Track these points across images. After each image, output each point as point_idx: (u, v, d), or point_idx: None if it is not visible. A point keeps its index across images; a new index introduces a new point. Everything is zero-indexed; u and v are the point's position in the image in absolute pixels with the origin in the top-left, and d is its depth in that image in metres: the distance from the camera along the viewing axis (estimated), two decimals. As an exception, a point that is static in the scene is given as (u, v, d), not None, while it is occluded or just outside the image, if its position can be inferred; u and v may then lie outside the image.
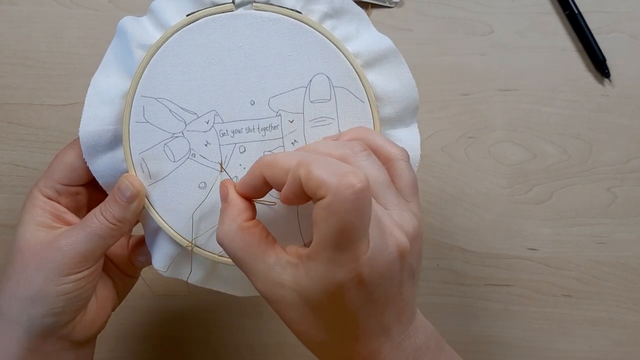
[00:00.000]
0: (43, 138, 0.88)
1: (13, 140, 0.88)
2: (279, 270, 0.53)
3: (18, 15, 0.89)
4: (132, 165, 0.60)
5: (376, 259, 0.50)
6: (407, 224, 0.54)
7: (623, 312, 0.92)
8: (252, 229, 0.55)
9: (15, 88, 0.88)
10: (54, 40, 0.89)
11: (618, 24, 0.92)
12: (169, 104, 0.59)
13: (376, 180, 0.55)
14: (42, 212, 0.61)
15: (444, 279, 0.92)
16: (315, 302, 0.52)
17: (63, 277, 0.59)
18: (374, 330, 0.54)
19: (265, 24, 0.59)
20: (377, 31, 0.62)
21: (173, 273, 0.64)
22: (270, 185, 0.55)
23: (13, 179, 0.88)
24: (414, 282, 0.57)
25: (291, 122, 0.60)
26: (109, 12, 0.89)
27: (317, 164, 0.49)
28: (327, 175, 0.47)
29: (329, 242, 0.48)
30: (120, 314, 0.86)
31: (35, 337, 0.60)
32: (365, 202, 0.47)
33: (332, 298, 0.51)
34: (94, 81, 0.61)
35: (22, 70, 0.88)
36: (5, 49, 0.89)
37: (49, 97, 0.88)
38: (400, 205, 0.55)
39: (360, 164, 0.55)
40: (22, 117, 0.88)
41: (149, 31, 0.60)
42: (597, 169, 0.91)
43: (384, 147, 0.58)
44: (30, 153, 0.88)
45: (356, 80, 0.60)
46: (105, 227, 0.59)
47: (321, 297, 0.51)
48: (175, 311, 0.90)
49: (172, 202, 0.61)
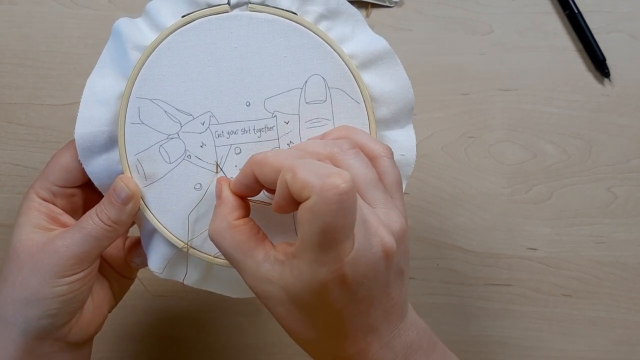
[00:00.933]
0: (43, 138, 0.88)
1: (13, 140, 0.88)
2: (267, 267, 0.53)
3: (18, 15, 0.88)
4: (127, 166, 0.60)
5: (360, 260, 0.50)
6: (394, 223, 0.54)
7: (623, 312, 0.91)
8: (242, 226, 0.54)
9: (15, 88, 0.88)
10: (54, 40, 0.88)
11: (618, 23, 0.91)
12: (164, 105, 0.59)
13: (364, 178, 0.55)
14: (37, 214, 0.61)
15: (444, 279, 0.91)
16: (300, 300, 0.52)
17: (58, 279, 0.58)
18: (360, 329, 0.54)
19: (261, 25, 0.58)
20: (373, 32, 0.61)
21: (169, 275, 0.64)
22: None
23: (13, 179, 0.87)
24: (402, 281, 0.56)
25: (287, 123, 0.59)
26: (109, 12, 0.88)
27: (302, 167, 0.48)
28: (311, 176, 0.47)
29: (313, 242, 0.48)
30: (120, 314, 0.86)
31: (32, 339, 0.59)
32: (349, 203, 0.47)
33: (316, 297, 0.51)
34: (90, 82, 0.60)
35: (22, 70, 0.88)
36: (5, 49, 0.88)
37: (49, 97, 0.88)
38: (387, 203, 0.55)
39: (348, 162, 0.54)
40: (22, 117, 0.88)
41: (145, 32, 0.60)
42: (597, 169, 0.91)
43: (368, 145, 0.57)
44: (30, 153, 0.87)
45: (352, 81, 0.59)
46: (100, 228, 0.59)
47: (305, 296, 0.51)
48: (174, 311, 0.89)
49: (167, 203, 0.60)
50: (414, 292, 0.90)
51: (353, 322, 0.53)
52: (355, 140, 0.57)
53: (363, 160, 0.55)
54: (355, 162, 0.55)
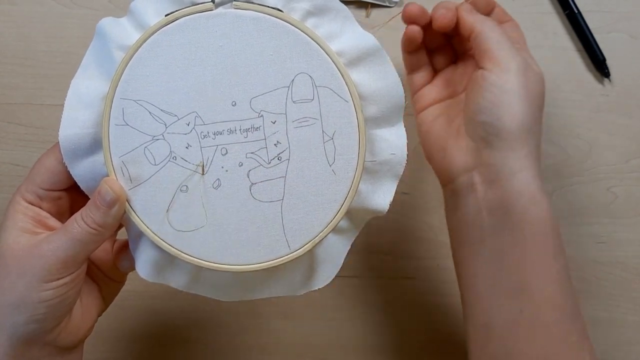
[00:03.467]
0: (43, 138, 0.86)
1: (13, 140, 0.86)
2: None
3: (18, 15, 0.86)
4: (112, 169, 0.57)
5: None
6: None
7: (623, 312, 0.88)
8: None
9: (15, 88, 0.86)
10: (54, 40, 0.86)
11: (618, 23, 0.88)
12: (148, 106, 0.56)
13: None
14: (24, 218, 0.59)
15: (444, 279, 0.88)
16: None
17: (45, 284, 0.56)
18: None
19: (246, 23, 0.56)
20: (362, 29, 0.59)
21: (157, 278, 0.61)
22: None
23: (13, 179, 0.86)
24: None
25: (274, 123, 0.57)
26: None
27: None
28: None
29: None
30: (120, 314, 0.85)
31: (20, 344, 0.57)
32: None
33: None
34: (74, 84, 0.58)
35: (22, 70, 0.86)
36: (5, 49, 0.86)
37: (49, 97, 0.86)
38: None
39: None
40: (22, 117, 0.86)
41: (129, 32, 0.58)
42: (597, 168, 0.88)
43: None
44: (30, 153, 0.86)
45: (339, 79, 0.57)
46: (86, 232, 0.56)
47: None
48: (174, 312, 0.88)
49: (153, 205, 0.58)
50: (414, 292, 0.88)
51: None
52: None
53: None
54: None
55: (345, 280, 0.86)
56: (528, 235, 0.64)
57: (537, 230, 0.64)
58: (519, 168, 0.64)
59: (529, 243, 0.64)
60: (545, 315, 0.62)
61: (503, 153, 0.64)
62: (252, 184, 0.57)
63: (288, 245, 0.58)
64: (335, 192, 0.57)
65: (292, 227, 0.58)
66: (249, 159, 0.57)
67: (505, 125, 0.64)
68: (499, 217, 0.65)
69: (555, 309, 0.63)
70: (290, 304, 0.86)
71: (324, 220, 0.58)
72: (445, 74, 0.77)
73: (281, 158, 0.57)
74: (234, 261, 0.58)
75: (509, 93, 0.64)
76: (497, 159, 0.65)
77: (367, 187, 0.60)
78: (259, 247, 0.58)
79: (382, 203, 0.60)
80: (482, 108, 0.65)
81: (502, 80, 0.65)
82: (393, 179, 0.60)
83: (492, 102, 0.65)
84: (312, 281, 0.62)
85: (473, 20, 0.68)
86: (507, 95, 0.64)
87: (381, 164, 0.59)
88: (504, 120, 0.64)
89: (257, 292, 0.62)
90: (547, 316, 0.62)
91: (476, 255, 0.67)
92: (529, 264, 0.63)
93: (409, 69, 0.78)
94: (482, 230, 0.66)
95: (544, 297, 0.63)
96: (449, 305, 0.88)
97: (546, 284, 0.63)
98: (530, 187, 0.64)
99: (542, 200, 0.65)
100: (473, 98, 0.67)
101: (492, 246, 0.65)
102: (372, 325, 0.87)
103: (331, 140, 0.57)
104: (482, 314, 0.66)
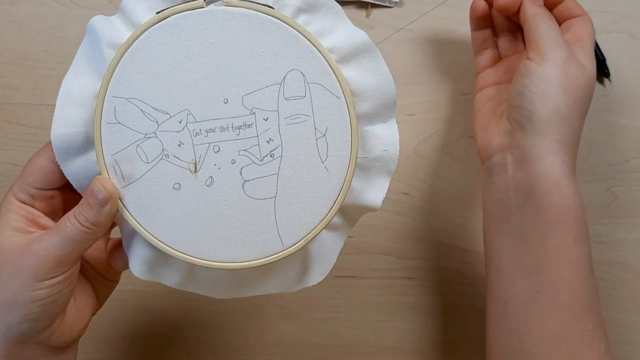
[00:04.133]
0: (43, 138, 0.85)
1: (13, 140, 0.86)
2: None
3: (18, 15, 0.86)
4: (104, 167, 0.57)
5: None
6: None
7: (623, 312, 0.88)
8: None
9: (15, 88, 0.86)
10: (54, 40, 0.86)
11: (618, 24, 0.88)
12: (140, 104, 0.56)
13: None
14: (16, 217, 0.58)
15: (444, 278, 0.88)
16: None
17: (38, 283, 0.55)
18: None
19: (237, 20, 0.55)
20: (354, 25, 0.58)
21: (150, 276, 0.61)
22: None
23: (13, 179, 0.82)
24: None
25: (266, 120, 0.57)
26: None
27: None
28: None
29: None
30: (120, 314, 0.84)
31: (13, 344, 0.57)
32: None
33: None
34: (65, 82, 0.58)
35: (22, 70, 0.86)
36: (5, 49, 0.86)
37: (49, 97, 0.86)
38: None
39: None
40: (22, 117, 0.86)
41: (120, 30, 0.57)
42: (597, 168, 0.87)
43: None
44: (30, 153, 0.82)
45: (331, 76, 0.56)
46: (79, 231, 0.56)
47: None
48: (175, 312, 0.87)
49: (146, 204, 0.57)
50: (414, 292, 0.87)
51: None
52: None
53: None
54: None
55: (345, 280, 0.85)
56: (550, 217, 0.66)
57: (559, 214, 0.66)
58: (547, 152, 0.67)
59: (551, 225, 0.66)
60: (560, 297, 0.64)
61: (533, 136, 0.67)
62: (245, 181, 0.57)
63: (281, 242, 0.58)
64: (328, 189, 0.57)
65: (285, 224, 0.58)
66: (242, 156, 0.56)
67: (537, 110, 0.67)
68: (524, 197, 0.67)
69: (571, 294, 0.64)
70: (290, 304, 0.86)
71: (317, 217, 0.57)
72: (509, 61, 0.79)
73: (274, 155, 0.56)
74: (228, 258, 0.57)
75: (545, 81, 0.67)
76: (527, 141, 0.68)
77: (360, 184, 0.59)
78: (252, 244, 0.57)
79: (375, 199, 0.60)
80: (519, 93, 0.69)
81: (541, 68, 0.68)
82: (386, 176, 0.60)
83: (527, 88, 0.68)
84: (306, 278, 0.62)
85: (529, 10, 0.72)
86: (542, 82, 0.67)
87: (374, 161, 0.59)
88: (536, 105, 0.67)
89: (251, 289, 0.62)
90: (562, 298, 0.64)
91: (501, 231, 0.70)
92: (549, 246, 0.66)
93: (475, 49, 0.81)
94: (509, 208, 0.69)
95: (560, 279, 0.65)
96: (449, 305, 0.87)
97: (564, 267, 0.65)
98: (556, 171, 0.66)
99: (568, 186, 0.67)
100: (514, 83, 0.70)
101: (516, 224, 0.68)
102: (372, 325, 0.86)
103: (323, 137, 0.57)
104: (502, 289, 0.69)
